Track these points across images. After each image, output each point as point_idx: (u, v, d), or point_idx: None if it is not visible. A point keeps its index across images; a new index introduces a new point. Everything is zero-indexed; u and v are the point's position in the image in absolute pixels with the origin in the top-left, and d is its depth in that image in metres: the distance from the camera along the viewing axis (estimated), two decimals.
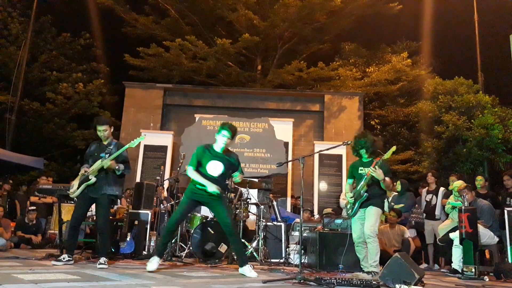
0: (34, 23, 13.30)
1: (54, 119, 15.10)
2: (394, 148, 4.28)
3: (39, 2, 12.83)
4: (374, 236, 4.20)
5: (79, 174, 4.62)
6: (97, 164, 4.47)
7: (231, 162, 4.32)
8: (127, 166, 4.64)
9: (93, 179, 4.45)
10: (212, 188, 4.08)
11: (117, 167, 4.49)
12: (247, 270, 4.11)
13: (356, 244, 4.40)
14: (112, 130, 4.71)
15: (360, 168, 4.42)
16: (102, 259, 4.33)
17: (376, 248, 4.21)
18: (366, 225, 4.25)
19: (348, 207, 4.50)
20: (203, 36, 14.65)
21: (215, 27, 15.77)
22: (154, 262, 4.09)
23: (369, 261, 4.23)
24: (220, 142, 4.26)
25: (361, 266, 4.40)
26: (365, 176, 4.29)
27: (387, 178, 4.23)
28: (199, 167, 4.24)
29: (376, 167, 4.15)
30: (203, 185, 4.15)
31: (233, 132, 4.27)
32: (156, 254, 4.23)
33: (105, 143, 4.63)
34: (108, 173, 4.52)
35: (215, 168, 4.22)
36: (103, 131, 4.59)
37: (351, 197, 4.41)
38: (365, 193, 4.27)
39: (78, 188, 4.51)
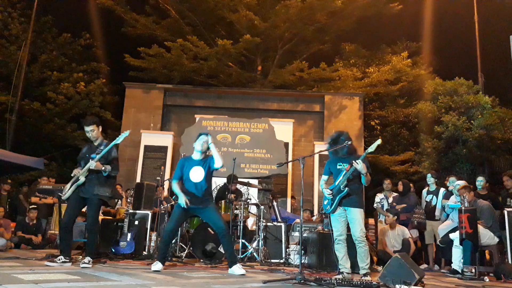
0: (35, 23, 13.30)
1: (55, 119, 15.10)
2: (379, 141, 4.20)
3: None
4: (365, 240, 4.19)
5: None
6: (88, 165, 4.48)
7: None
8: (115, 167, 4.60)
9: (82, 179, 4.45)
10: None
11: (103, 168, 4.47)
12: (236, 269, 4.25)
13: (337, 241, 4.28)
14: (100, 129, 4.69)
15: (338, 163, 4.34)
16: (87, 259, 4.32)
17: (366, 251, 4.19)
18: (355, 230, 4.17)
19: (326, 203, 4.38)
20: (203, 36, 14.63)
21: (216, 27, 15.74)
22: (158, 265, 4.28)
23: (361, 264, 4.19)
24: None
25: (339, 267, 4.28)
26: (345, 172, 4.21)
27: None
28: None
29: (359, 160, 4.08)
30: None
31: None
32: (158, 259, 4.37)
33: (96, 144, 4.64)
34: (98, 174, 4.51)
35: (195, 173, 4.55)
36: (91, 131, 4.60)
37: (329, 194, 4.29)
38: (346, 188, 4.18)
39: (69, 190, 4.51)
